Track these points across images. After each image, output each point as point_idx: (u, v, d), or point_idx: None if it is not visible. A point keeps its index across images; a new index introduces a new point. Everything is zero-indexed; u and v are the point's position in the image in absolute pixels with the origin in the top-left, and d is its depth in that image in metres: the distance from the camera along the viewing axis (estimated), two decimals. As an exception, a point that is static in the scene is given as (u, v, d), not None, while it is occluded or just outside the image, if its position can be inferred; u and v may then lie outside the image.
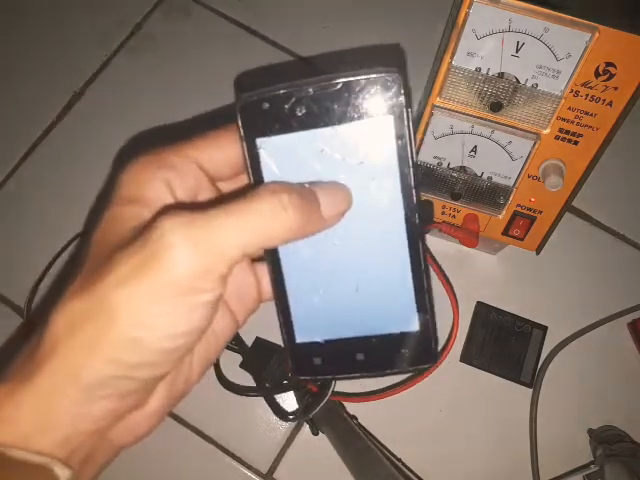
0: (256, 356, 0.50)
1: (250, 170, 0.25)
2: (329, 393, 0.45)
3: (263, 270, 0.27)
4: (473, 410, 0.52)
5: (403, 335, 0.27)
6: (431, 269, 0.43)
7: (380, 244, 0.26)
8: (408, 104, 0.24)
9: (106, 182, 0.57)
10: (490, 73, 0.39)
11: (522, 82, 0.39)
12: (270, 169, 0.25)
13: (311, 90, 0.24)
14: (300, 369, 0.28)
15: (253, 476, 0.51)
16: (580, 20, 0.35)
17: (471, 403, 0.53)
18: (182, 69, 0.61)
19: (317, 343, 0.27)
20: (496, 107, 0.40)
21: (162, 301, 0.21)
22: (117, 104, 0.60)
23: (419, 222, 0.25)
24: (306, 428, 0.51)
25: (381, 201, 0.25)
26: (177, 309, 0.22)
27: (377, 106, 0.24)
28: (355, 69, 0.24)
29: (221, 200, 0.25)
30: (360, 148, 0.24)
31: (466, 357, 0.53)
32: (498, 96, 0.40)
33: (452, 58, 0.39)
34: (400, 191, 0.25)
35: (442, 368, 0.48)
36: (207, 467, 0.51)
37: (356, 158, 0.25)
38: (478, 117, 0.41)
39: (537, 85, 0.39)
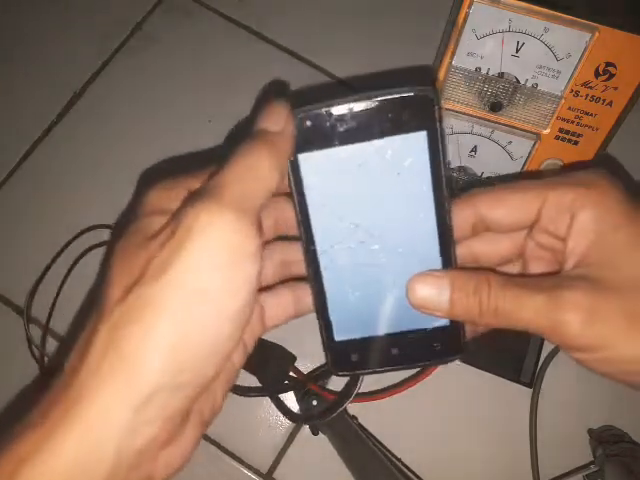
0: (257, 356, 0.50)
1: (293, 185, 0.27)
2: (354, 393, 0.46)
3: (267, 299, 0.29)
4: (473, 410, 0.52)
5: (435, 330, 0.28)
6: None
7: (416, 247, 0.27)
8: (440, 119, 0.25)
9: (106, 181, 0.57)
10: (490, 73, 0.39)
11: (522, 82, 0.39)
12: (311, 183, 0.26)
13: (352, 107, 0.25)
14: (339, 366, 0.30)
15: (253, 476, 0.51)
16: (580, 20, 0.35)
17: (471, 403, 0.53)
18: (182, 69, 0.61)
19: (355, 340, 0.29)
20: (496, 107, 0.40)
21: (207, 276, 0.21)
22: (117, 104, 0.60)
23: (450, 224, 0.27)
24: (306, 428, 0.51)
25: (416, 208, 0.27)
26: (224, 279, 0.21)
27: (412, 121, 0.25)
28: (390, 87, 0.25)
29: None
30: (397, 161, 0.26)
31: (466, 357, 0.53)
32: (498, 96, 0.40)
33: (452, 58, 0.39)
34: (433, 199, 0.26)
35: (442, 368, 0.48)
36: (207, 467, 0.51)
37: (393, 170, 0.26)
38: (478, 117, 0.41)
39: (537, 85, 0.39)
